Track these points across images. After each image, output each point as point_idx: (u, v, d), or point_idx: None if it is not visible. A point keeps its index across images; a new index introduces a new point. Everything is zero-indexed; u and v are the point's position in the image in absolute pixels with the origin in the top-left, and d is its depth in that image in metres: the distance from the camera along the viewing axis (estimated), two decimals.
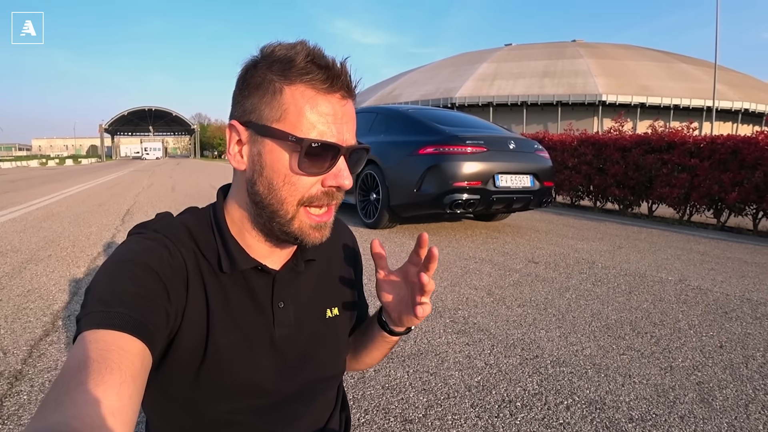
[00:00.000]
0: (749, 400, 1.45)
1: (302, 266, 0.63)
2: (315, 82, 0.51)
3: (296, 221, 0.54)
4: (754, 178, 4.79)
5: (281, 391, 0.60)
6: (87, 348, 0.41)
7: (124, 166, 25.59)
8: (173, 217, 0.59)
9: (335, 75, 0.52)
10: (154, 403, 0.60)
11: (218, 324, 0.55)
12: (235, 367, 0.56)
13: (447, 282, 2.65)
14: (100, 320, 0.43)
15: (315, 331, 0.64)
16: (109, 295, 0.46)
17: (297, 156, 0.51)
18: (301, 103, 0.51)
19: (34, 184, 10.49)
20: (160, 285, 0.49)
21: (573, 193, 7.01)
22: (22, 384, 1.44)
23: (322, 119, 0.51)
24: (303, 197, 0.53)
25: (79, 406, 0.36)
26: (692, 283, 2.79)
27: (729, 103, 31.14)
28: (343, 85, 0.52)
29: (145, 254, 0.51)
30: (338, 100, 0.53)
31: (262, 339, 0.58)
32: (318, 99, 0.51)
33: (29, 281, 2.56)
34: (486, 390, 1.46)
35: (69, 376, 0.39)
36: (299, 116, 0.51)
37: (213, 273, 0.56)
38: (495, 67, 37.79)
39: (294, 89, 0.51)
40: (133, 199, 7.00)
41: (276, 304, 0.60)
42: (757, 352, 1.83)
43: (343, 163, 0.54)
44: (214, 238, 0.57)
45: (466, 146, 3.84)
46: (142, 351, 0.44)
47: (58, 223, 4.55)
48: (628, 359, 1.71)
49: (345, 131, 0.53)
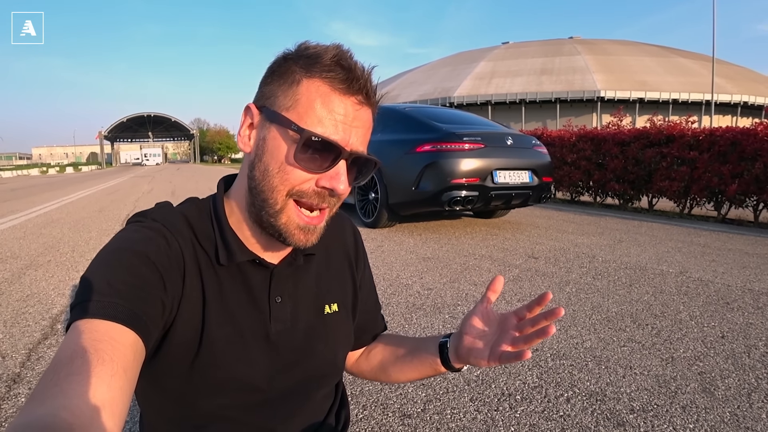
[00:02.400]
0: (752, 389, 1.44)
1: (301, 260, 0.62)
2: (334, 81, 0.51)
3: (284, 215, 0.53)
4: (754, 170, 4.77)
5: (275, 387, 0.59)
6: (79, 338, 0.41)
7: (124, 172, 25.62)
8: (173, 206, 0.58)
9: (355, 77, 0.51)
10: (148, 394, 0.59)
11: (213, 316, 0.54)
12: (229, 361, 0.55)
13: (446, 278, 2.65)
14: (94, 310, 0.43)
15: (312, 327, 0.62)
16: (104, 284, 0.45)
17: (296, 147, 0.50)
18: (314, 97, 0.50)
19: (34, 192, 10.50)
20: (156, 275, 0.49)
21: (573, 189, 6.99)
22: (20, 387, 1.44)
23: (330, 117, 0.50)
24: (293, 188, 0.52)
25: (69, 397, 0.36)
26: (693, 275, 2.78)
27: (728, 96, 31.06)
28: (361, 89, 0.52)
29: (142, 243, 0.50)
30: (353, 103, 0.52)
31: (257, 334, 0.57)
32: (332, 96, 0.51)
33: (28, 286, 2.55)
34: (485, 384, 1.45)
35: (60, 366, 0.38)
36: (309, 109, 0.50)
37: (210, 264, 0.56)
38: (493, 66, 37.79)
39: (311, 83, 0.51)
40: (133, 204, 7.01)
41: (273, 299, 0.59)
42: (759, 341, 1.82)
43: (343, 167, 0.52)
44: (212, 229, 0.57)
45: (463, 143, 3.83)
46: (135, 342, 0.44)
47: (58, 230, 4.55)
48: (629, 351, 1.70)
49: (353, 136, 0.52)
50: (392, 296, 2.33)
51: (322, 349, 0.63)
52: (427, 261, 3.06)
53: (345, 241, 0.71)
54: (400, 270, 2.83)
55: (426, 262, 3.04)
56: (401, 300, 2.27)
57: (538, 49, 39.54)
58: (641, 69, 34.57)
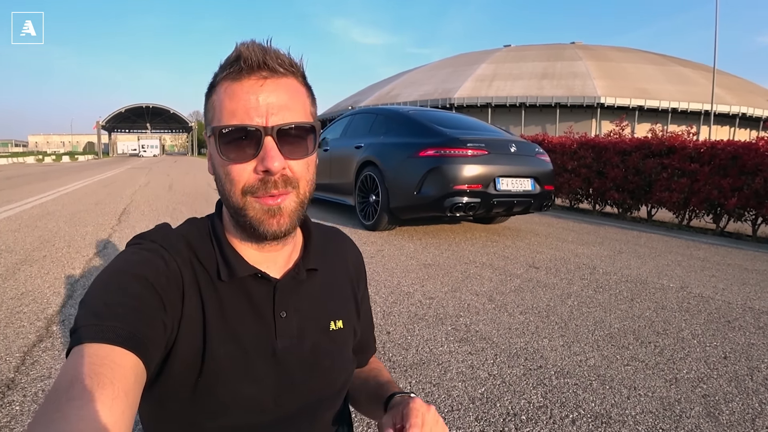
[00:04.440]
0: (756, 415, 1.43)
1: (304, 275, 0.61)
2: (232, 74, 0.51)
3: (249, 209, 0.53)
4: (754, 184, 4.79)
5: (282, 406, 0.57)
6: (79, 362, 0.41)
7: (121, 163, 25.45)
8: (171, 228, 0.59)
9: (246, 59, 0.51)
10: (153, 419, 0.58)
11: (215, 334, 0.53)
12: (233, 379, 0.54)
13: (448, 287, 2.63)
14: (93, 334, 0.43)
15: (318, 344, 0.61)
16: (103, 307, 0.45)
17: (217, 145, 0.52)
18: (222, 97, 0.52)
19: (30, 181, 10.40)
20: (156, 296, 0.49)
21: (572, 196, 7.00)
22: (14, 394, 1.40)
23: (239, 105, 0.51)
24: (244, 186, 0.52)
25: (71, 422, 0.35)
26: (694, 291, 2.78)
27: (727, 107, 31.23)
28: (258, 65, 0.51)
29: (141, 265, 0.50)
30: (255, 81, 0.52)
31: (262, 350, 0.56)
32: (234, 88, 0.52)
33: (23, 283, 2.51)
34: (490, 402, 1.43)
35: (60, 391, 0.38)
36: (221, 109, 0.52)
37: (211, 283, 0.55)
38: (494, 68, 37.81)
39: (219, 87, 0.53)
40: (130, 197, 6.93)
41: (278, 314, 0.57)
42: (762, 363, 1.81)
43: (270, 144, 0.51)
44: (212, 247, 0.57)
45: (467, 149, 3.82)
46: (135, 365, 0.43)
47: (53, 222, 4.50)
48: (633, 370, 1.69)
49: (270, 112, 0.51)
50: (394, 305, 2.31)
51: (329, 366, 0.62)
52: (427, 268, 3.04)
53: (347, 260, 0.71)
54: (401, 277, 2.81)
55: (427, 269, 3.02)
56: (403, 309, 2.25)
57: (540, 53, 39.59)
58: (642, 76, 34.70)
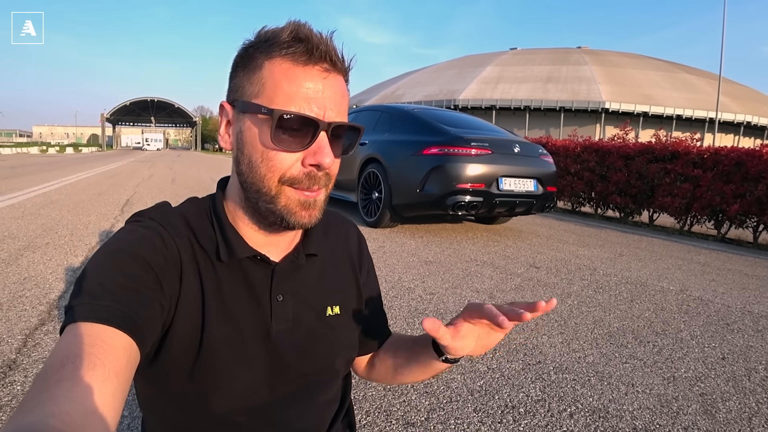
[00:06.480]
0: (752, 414, 1.43)
1: (303, 259, 0.60)
2: (295, 55, 0.49)
3: (282, 198, 0.52)
4: (756, 191, 4.79)
5: (276, 389, 0.58)
6: (71, 342, 0.40)
7: (125, 156, 25.52)
8: (171, 206, 0.58)
9: (314, 46, 0.50)
10: (151, 401, 0.58)
11: (213, 315, 0.53)
12: (228, 361, 0.54)
13: (448, 284, 2.64)
14: (87, 313, 0.42)
15: (313, 329, 0.61)
16: (98, 286, 0.44)
17: (271, 129, 0.49)
18: (278, 77, 0.49)
19: (33, 171, 10.44)
20: (152, 276, 0.48)
21: (574, 199, 7.00)
22: (15, 374, 1.42)
23: (299, 92, 0.49)
24: (283, 175, 0.51)
25: (59, 403, 0.35)
26: (693, 294, 2.78)
27: (731, 115, 31.17)
28: (324, 56, 0.50)
29: (137, 244, 0.49)
30: (319, 72, 0.50)
31: (257, 333, 0.56)
32: (296, 71, 0.49)
33: (26, 269, 2.53)
34: (489, 395, 1.44)
35: (50, 372, 0.37)
36: (276, 89, 0.49)
37: (209, 263, 0.55)
38: (499, 71, 37.78)
39: (272, 63, 0.50)
40: (133, 189, 6.96)
41: (275, 297, 0.57)
42: (760, 365, 1.82)
43: (324, 140, 0.51)
44: (212, 227, 0.56)
45: (470, 148, 3.82)
46: (128, 346, 0.42)
47: (56, 211, 4.52)
48: (631, 368, 1.70)
49: (327, 106, 0.50)
50: (394, 299, 2.32)
51: (322, 351, 0.62)
52: (428, 264, 3.05)
53: (349, 245, 0.70)
54: (402, 273, 2.82)
55: (428, 265, 3.02)
56: (403, 304, 2.26)
57: (546, 57, 39.56)
58: (647, 82, 34.66)
